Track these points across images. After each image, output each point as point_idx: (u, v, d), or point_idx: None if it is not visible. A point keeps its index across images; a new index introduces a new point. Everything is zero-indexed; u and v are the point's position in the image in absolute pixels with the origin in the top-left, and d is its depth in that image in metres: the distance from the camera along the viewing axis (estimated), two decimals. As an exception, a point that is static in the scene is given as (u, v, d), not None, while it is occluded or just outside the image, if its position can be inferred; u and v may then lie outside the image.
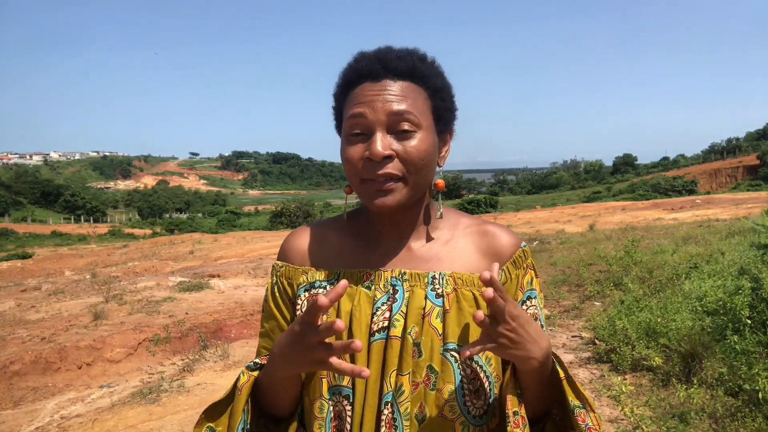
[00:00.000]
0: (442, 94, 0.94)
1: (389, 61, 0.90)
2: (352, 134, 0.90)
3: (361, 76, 0.91)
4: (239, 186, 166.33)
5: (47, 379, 5.75)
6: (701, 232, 11.06)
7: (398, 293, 0.92)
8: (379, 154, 0.86)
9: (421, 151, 0.88)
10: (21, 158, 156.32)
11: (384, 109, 0.87)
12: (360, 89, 0.90)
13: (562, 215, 24.17)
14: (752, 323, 4.03)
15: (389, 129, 0.88)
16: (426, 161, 0.89)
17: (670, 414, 3.56)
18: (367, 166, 0.88)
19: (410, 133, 0.88)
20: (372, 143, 0.87)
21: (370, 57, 0.92)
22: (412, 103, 0.89)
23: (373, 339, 0.90)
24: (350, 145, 0.90)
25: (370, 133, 0.88)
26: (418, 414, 0.88)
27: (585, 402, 0.85)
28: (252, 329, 7.24)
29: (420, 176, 0.90)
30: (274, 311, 0.99)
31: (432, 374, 0.88)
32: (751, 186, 39.28)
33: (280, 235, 24.48)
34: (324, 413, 0.90)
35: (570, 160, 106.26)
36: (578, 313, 6.43)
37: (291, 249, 1.02)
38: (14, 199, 73.23)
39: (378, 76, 0.90)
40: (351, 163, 0.89)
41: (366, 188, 0.89)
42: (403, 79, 0.90)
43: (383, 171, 0.87)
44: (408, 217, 0.97)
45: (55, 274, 15.89)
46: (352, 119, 0.89)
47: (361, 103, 0.89)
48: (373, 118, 0.87)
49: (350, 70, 0.94)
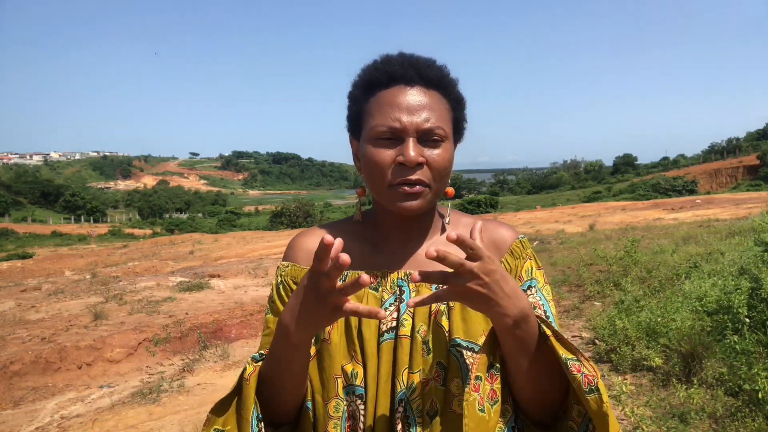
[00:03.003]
0: (461, 106, 0.98)
1: (421, 68, 0.92)
2: (381, 138, 0.90)
3: (393, 80, 0.92)
4: (239, 186, 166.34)
5: (47, 379, 5.75)
6: (701, 232, 11.06)
7: (405, 294, 0.94)
8: (413, 160, 0.88)
9: (446, 160, 0.92)
10: (21, 158, 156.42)
11: (419, 120, 0.89)
12: (391, 93, 0.91)
13: (562, 215, 24.18)
14: (752, 323, 4.03)
15: (421, 137, 0.90)
16: (449, 170, 0.93)
17: (670, 414, 3.56)
18: (397, 171, 0.90)
19: (438, 142, 0.91)
20: (405, 149, 0.89)
21: (400, 61, 0.93)
22: (440, 115, 0.92)
23: (382, 339, 0.92)
24: (379, 148, 0.91)
25: (401, 138, 0.90)
26: (429, 410, 0.89)
27: (578, 353, 0.84)
28: (252, 329, 7.24)
29: (442, 184, 0.94)
30: (280, 309, 1.00)
31: (441, 370, 0.90)
32: (751, 186, 39.30)
33: (280, 235, 24.49)
34: (340, 412, 0.91)
35: (570, 160, 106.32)
36: (578, 313, 6.43)
37: (297, 249, 1.03)
38: (14, 199, 73.26)
39: (411, 81, 0.92)
40: (381, 167, 0.90)
41: (393, 192, 0.91)
42: (434, 88, 0.93)
43: (414, 177, 0.89)
44: (416, 222, 0.99)
45: (55, 274, 15.89)
46: (383, 125, 0.90)
47: (395, 110, 0.90)
48: (409, 125, 0.89)
49: (377, 71, 0.94)
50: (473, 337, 0.90)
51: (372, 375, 0.91)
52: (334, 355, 0.92)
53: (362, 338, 0.92)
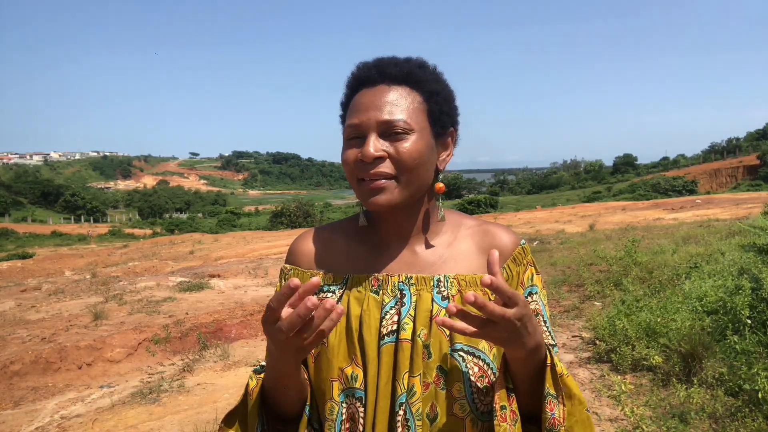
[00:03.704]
0: (438, 98, 0.97)
1: (385, 68, 0.95)
2: (350, 139, 0.95)
3: (360, 84, 0.97)
4: (239, 186, 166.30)
5: (47, 379, 5.75)
6: (701, 232, 11.06)
7: (406, 297, 0.95)
8: (369, 155, 0.90)
9: (412, 151, 0.91)
10: (21, 158, 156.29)
11: (376, 115, 0.92)
12: (358, 96, 0.96)
13: (562, 215, 24.18)
14: (752, 323, 4.04)
15: (382, 133, 0.92)
16: (419, 161, 0.92)
17: (670, 414, 3.56)
18: (360, 166, 0.92)
19: (402, 135, 0.92)
20: (364, 146, 0.91)
21: (368, 65, 0.98)
22: (405, 108, 0.93)
23: (382, 342, 0.92)
24: (347, 149, 0.95)
25: (364, 137, 0.93)
26: (429, 413, 0.90)
27: (560, 393, 0.86)
28: (252, 329, 7.24)
29: (413, 176, 0.92)
30: None
31: (442, 374, 0.90)
32: (751, 186, 39.30)
33: (280, 235, 24.50)
34: (334, 415, 0.92)
35: (570, 160, 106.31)
36: (578, 313, 6.43)
37: (299, 252, 1.05)
38: (14, 199, 73.25)
39: (374, 82, 0.95)
40: (347, 164, 0.94)
41: (361, 188, 0.93)
42: (398, 83, 0.95)
43: (375, 170, 0.91)
44: (410, 221, 0.99)
45: (55, 274, 15.89)
46: (348, 127, 0.94)
47: (356, 111, 0.94)
48: (366, 123, 0.92)
49: (352, 78, 0.99)
50: (474, 342, 0.91)
51: (372, 378, 0.91)
52: (332, 358, 0.93)
53: (363, 341, 0.93)
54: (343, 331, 0.95)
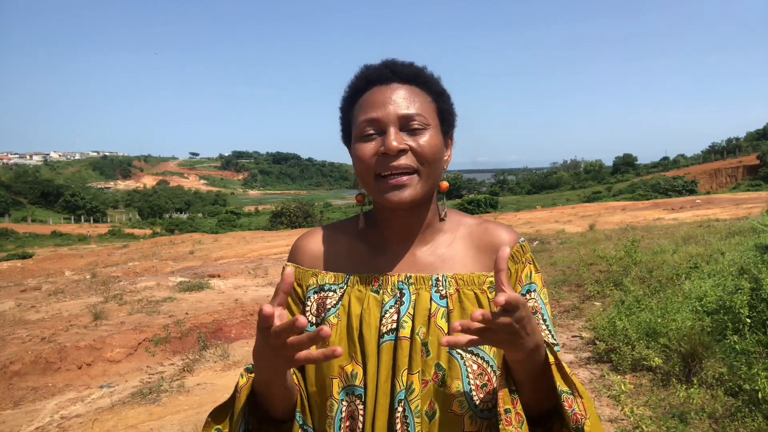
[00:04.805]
0: (445, 98, 1.01)
1: (396, 67, 0.97)
2: (364, 135, 0.94)
3: (370, 83, 0.98)
4: (239, 186, 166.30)
5: (47, 379, 5.75)
6: (701, 232, 11.06)
7: (405, 296, 0.96)
8: (394, 147, 0.90)
9: (432, 145, 0.93)
10: (21, 158, 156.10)
11: (395, 110, 0.93)
12: (369, 94, 0.96)
13: (562, 215, 24.17)
14: (752, 323, 4.04)
15: (401, 127, 0.93)
16: (437, 156, 0.94)
17: (670, 414, 3.56)
18: (381, 161, 0.92)
19: (421, 130, 0.93)
20: (386, 138, 0.91)
21: (376, 65, 1.00)
22: (420, 105, 0.95)
23: (382, 340, 0.93)
24: (362, 143, 0.94)
25: (383, 132, 0.93)
26: (428, 411, 0.91)
27: (573, 388, 0.85)
28: (252, 329, 7.23)
29: (432, 170, 0.94)
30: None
31: (440, 372, 0.91)
32: (751, 186, 39.29)
33: (280, 235, 24.48)
34: (333, 412, 0.93)
35: (570, 160, 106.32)
36: (578, 313, 6.43)
37: (301, 251, 1.06)
38: (14, 199, 73.23)
39: (387, 80, 0.96)
40: (364, 160, 0.93)
41: (381, 184, 0.93)
42: (409, 83, 0.97)
43: (398, 163, 0.91)
44: (415, 221, 1.00)
45: (55, 274, 15.88)
46: (364, 122, 0.94)
47: (372, 106, 0.94)
48: (386, 118, 0.92)
49: (358, 79, 1.00)
50: None
51: (371, 375, 0.92)
52: None
53: (363, 339, 0.94)
54: (344, 330, 0.95)
